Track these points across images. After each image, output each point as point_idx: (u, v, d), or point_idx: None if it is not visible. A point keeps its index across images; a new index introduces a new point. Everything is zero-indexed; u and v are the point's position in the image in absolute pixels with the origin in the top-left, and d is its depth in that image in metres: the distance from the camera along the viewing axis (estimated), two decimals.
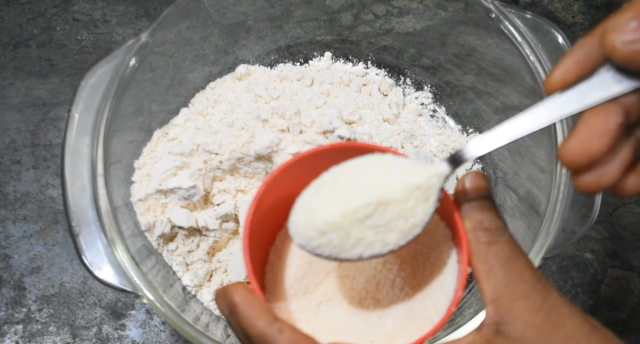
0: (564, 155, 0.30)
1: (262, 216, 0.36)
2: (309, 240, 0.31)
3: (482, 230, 0.31)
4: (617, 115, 0.29)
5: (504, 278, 0.30)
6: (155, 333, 0.58)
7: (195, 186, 0.52)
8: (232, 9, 0.63)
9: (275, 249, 0.39)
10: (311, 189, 0.32)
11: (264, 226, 0.37)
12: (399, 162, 0.32)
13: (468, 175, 0.33)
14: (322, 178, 0.33)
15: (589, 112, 0.30)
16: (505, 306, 0.29)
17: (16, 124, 0.67)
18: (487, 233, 0.31)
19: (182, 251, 0.54)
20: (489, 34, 0.57)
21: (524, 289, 0.29)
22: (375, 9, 0.67)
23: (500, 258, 0.30)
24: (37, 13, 0.74)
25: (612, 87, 0.30)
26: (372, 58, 0.69)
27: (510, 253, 0.30)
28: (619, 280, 0.62)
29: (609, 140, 0.29)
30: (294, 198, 0.33)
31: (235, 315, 0.31)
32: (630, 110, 0.30)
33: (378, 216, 0.30)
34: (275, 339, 0.29)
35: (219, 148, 0.54)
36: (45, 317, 0.58)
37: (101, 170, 0.48)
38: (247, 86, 0.63)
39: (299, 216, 0.32)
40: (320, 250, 0.31)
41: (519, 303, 0.29)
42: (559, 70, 0.31)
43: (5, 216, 0.63)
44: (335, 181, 0.32)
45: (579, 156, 0.29)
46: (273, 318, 0.30)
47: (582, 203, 0.48)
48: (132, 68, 0.52)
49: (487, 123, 0.65)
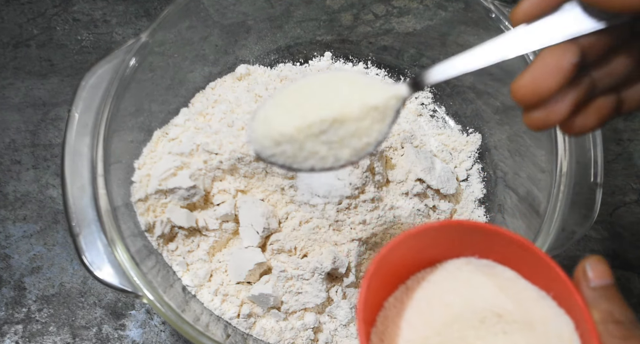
0: (515, 90, 0.30)
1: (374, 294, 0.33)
2: (263, 148, 0.32)
3: (614, 323, 0.28)
4: (573, 55, 0.29)
5: None
6: (155, 333, 0.58)
7: (195, 186, 0.52)
8: (232, 9, 0.63)
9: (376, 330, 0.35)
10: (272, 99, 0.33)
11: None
12: (361, 80, 0.32)
13: (589, 260, 0.30)
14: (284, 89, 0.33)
15: (546, 49, 0.30)
16: None
17: (16, 124, 0.67)
18: (620, 327, 0.28)
19: (182, 251, 0.54)
20: (489, 34, 0.57)
21: None
22: (375, 9, 0.67)
23: None
24: (37, 13, 0.74)
25: (573, 26, 0.30)
26: (372, 59, 0.69)
27: None
28: (619, 280, 0.62)
29: (560, 79, 0.29)
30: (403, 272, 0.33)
31: None
32: (588, 50, 0.30)
33: (332, 132, 0.31)
34: None
35: (219, 148, 0.54)
36: (45, 317, 0.58)
37: (101, 170, 0.48)
38: (247, 86, 0.63)
39: (256, 124, 0.33)
40: (274, 158, 0.32)
41: None
42: (525, 3, 0.31)
43: (5, 216, 0.63)
44: (295, 94, 0.32)
45: (530, 93, 0.30)
46: None
47: (582, 203, 0.48)
48: (132, 68, 0.52)
49: (487, 123, 0.65)
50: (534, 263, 0.32)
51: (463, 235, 0.34)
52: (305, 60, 0.69)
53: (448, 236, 0.34)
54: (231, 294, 0.54)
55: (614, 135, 0.69)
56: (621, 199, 0.65)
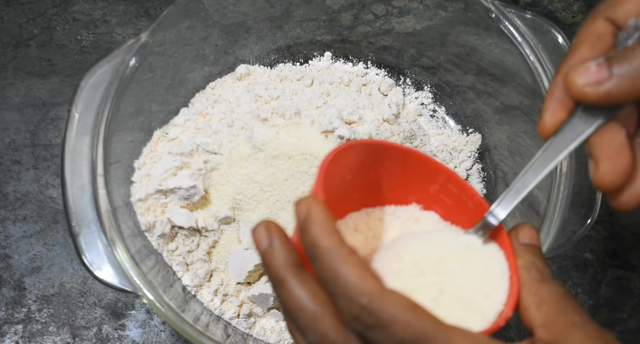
0: (602, 180, 0.31)
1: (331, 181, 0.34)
2: None
3: (535, 270, 0.32)
4: (620, 128, 0.31)
5: (559, 309, 0.30)
6: (155, 333, 0.58)
7: (195, 186, 0.52)
8: (232, 9, 0.63)
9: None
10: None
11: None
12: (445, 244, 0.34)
13: (520, 225, 0.35)
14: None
15: (595, 137, 0.31)
16: (560, 329, 0.29)
17: (16, 124, 0.67)
18: (540, 273, 0.32)
19: (182, 251, 0.54)
20: (489, 34, 0.57)
21: (580, 320, 0.29)
22: (375, 9, 0.67)
23: (554, 294, 0.31)
24: (37, 13, 0.74)
25: (603, 111, 0.31)
26: (372, 58, 0.69)
27: (564, 293, 0.31)
28: (619, 279, 0.62)
29: (629, 151, 0.30)
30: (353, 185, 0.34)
31: (306, 222, 0.29)
32: (627, 123, 0.31)
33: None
34: (344, 258, 0.28)
35: (219, 148, 0.54)
36: (45, 317, 0.58)
37: (101, 170, 0.48)
38: (247, 86, 0.63)
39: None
40: None
41: (575, 329, 0.29)
42: (547, 115, 0.33)
43: (5, 216, 0.63)
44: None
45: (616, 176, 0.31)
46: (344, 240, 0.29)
47: (582, 203, 0.48)
48: (132, 68, 0.52)
49: (487, 123, 0.65)
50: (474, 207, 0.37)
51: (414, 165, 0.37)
52: (305, 60, 0.69)
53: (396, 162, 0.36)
54: (231, 294, 0.54)
55: None
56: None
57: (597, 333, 0.29)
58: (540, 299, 0.31)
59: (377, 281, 0.27)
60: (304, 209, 0.29)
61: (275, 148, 0.52)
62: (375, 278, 0.27)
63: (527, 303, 0.31)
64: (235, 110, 0.58)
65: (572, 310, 0.30)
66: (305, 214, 0.29)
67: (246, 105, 0.58)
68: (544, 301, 0.31)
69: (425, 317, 0.27)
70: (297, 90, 0.61)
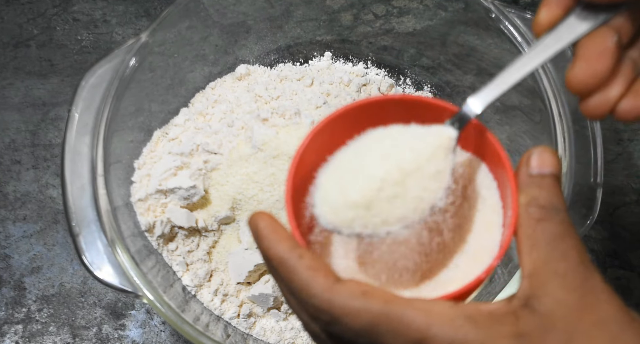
0: (572, 79, 0.30)
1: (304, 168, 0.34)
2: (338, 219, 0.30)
3: (536, 206, 0.29)
4: (612, 34, 0.30)
5: (547, 255, 0.28)
6: (155, 333, 0.58)
7: (195, 186, 0.52)
8: (232, 9, 0.63)
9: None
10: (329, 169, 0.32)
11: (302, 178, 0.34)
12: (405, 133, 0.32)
13: (536, 150, 0.31)
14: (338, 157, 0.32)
15: (584, 39, 0.31)
16: (541, 281, 0.27)
17: (16, 124, 0.67)
18: (540, 210, 0.29)
19: (182, 251, 0.54)
20: (489, 34, 0.57)
21: (564, 268, 0.27)
22: (375, 9, 0.67)
23: (547, 235, 0.28)
24: (37, 13, 0.74)
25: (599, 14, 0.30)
26: (372, 58, 0.69)
27: (560, 233, 0.28)
28: (619, 280, 0.62)
29: (611, 58, 0.30)
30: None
31: (257, 239, 0.30)
32: (621, 31, 0.31)
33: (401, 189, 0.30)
34: (293, 264, 0.29)
35: (219, 148, 0.54)
36: (45, 317, 0.58)
37: (101, 170, 0.48)
38: (247, 86, 0.63)
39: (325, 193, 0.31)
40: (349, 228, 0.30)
41: (555, 281, 0.27)
42: (543, 11, 0.31)
43: (5, 216, 0.63)
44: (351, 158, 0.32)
45: (588, 78, 0.30)
46: (294, 244, 0.29)
47: (582, 203, 0.48)
48: (132, 68, 0.52)
49: (487, 123, 0.64)
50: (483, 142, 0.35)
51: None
52: (305, 60, 0.69)
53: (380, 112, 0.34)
54: (231, 294, 0.54)
55: (614, 135, 0.69)
56: (621, 199, 0.65)
57: (579, 281, 0.27)
58: (533, 243, 0.29)
59: (327, 278, 0.28)
60: (252, 227, 0.31)
61: (275, 148, 0.52)
62: (325, 275, 0.28)
63: (521, 247, 0.29)
64: (235, 110, 0.58)
65: (560, 256, 0.28)
66: (254, 231, 0.31)
67: (246, 105, 0.58)
68: (536, 245, 0.28)
69: (375, 300, 0.27)
70: (297, 90, 0.61)
